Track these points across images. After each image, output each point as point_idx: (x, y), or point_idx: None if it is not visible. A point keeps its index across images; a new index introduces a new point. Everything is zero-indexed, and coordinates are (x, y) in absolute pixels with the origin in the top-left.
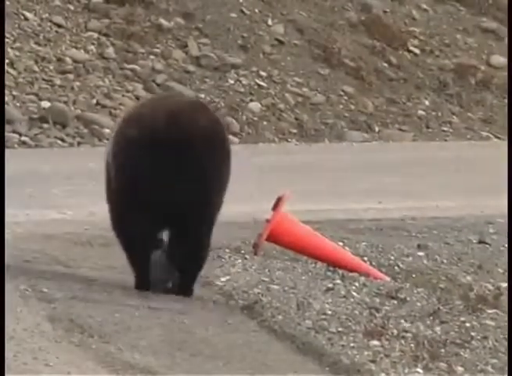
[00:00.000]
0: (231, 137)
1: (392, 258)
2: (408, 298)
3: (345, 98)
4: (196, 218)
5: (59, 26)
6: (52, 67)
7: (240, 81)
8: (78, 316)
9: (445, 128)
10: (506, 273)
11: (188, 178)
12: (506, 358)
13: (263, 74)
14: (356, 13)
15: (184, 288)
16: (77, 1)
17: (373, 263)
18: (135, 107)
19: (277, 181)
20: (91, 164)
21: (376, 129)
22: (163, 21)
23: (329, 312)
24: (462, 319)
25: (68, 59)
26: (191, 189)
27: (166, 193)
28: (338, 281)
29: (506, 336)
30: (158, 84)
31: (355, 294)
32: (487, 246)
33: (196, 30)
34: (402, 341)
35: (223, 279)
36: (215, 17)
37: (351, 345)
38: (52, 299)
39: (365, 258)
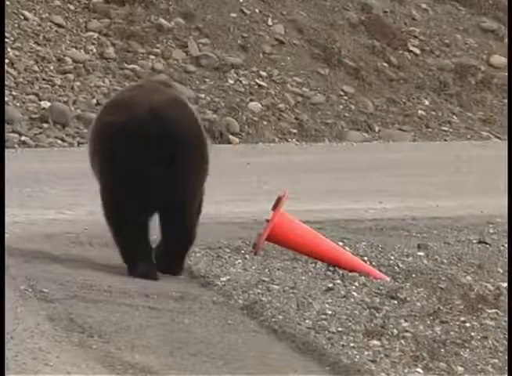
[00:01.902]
0: (231, 137)
1: (392, 258)
2: (408, 298)
3: (345, 98)
4: (176, 203)
5: (59, 26)
6: (52, 67)
7: (240, 81)
8: (78, 316)
9: (445, 128)
10: (506, 273)
11: (162, 167)
12: (506, 358)
13: (263, 74)
14: (356, 13)
15: (174, 266)
16: (77, 1)
17: (373, 263)
18: (115, 96)
19: (277, 181)
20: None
21: (376, 129)
22: (163, 21)
23: (329, 312)
24: (462, 319)
25: (68, 59)
26: (166, 177)
27: (145, 179)
28: (338, 281)
29: (506, 336)
30: None
31: (355, 294)
32: (487, 246)
33: (196, 30)
34: (402, 341)
35: (223, 279)
36: (215, 17)
37: (351, 345)
38: (52, 299)
39: (365, 258)
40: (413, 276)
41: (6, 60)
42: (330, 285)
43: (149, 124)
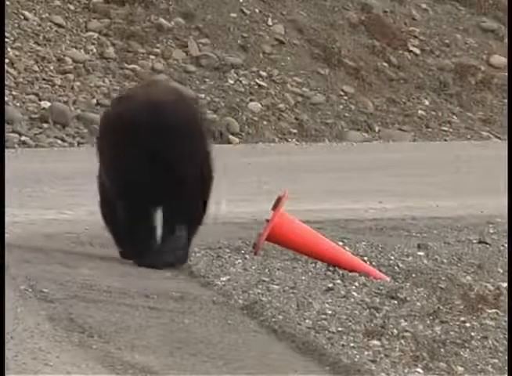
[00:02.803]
0: (231, 137)
1: (392, 258)
2: (408, 298)
3: (345, 98)
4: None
5: (59, 26)
6: (52, 67)
7: (240, 81)
8: (78, 316)
9: (445, 128)
10: (506, 273)
11: (162, 162)
12: (506, 358)
13: (263, 74)
14: (356, 13)
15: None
16: (77, 1)
17: (373, 263)
18: (119, 95)
19: (277, 181)
20: (91, 164)
21: (376, 129)
22: (163, 21)
23: (329, 312)
24: (462, 319)
25: (68, 59)
26: (167, 171)
27: (146, 175)
28: (338, 281)
29: (506, 336)
30: None
31: (355, 294)
32: (487, 246)
33: (196, 30)
34: (402, 341)
35: (223, 279)
36: (215, 17)
37: (351, 345)
38: (52, 299)
39: (365, 258)
40: (413, 276)
41: (6, 60)
42: (330, 285)
43: (144, 115)
